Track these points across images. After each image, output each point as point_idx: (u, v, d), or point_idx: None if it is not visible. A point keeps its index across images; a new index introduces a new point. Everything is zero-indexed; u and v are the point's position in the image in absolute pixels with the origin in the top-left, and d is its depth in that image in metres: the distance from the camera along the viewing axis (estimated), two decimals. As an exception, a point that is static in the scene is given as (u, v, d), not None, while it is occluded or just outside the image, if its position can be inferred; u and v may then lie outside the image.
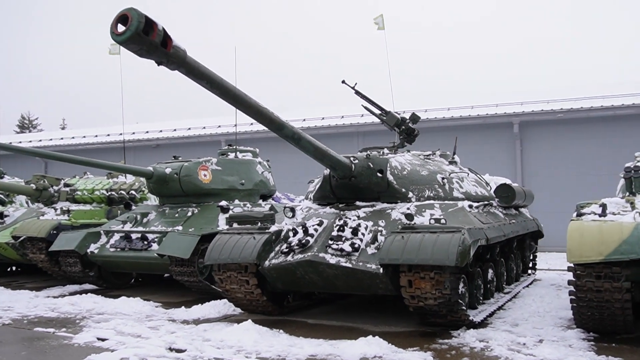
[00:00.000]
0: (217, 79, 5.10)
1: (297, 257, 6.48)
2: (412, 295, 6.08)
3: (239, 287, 7.02)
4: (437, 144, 17.97)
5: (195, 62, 4.79)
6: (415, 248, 5.91)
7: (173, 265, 8.49)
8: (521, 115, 16.11)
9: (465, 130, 16.98)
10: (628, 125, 15.24)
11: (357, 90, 9.52)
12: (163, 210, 9.97)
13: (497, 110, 16.66)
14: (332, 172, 7.14)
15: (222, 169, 10.32)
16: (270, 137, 19.57)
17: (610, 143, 15.26)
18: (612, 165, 15.30)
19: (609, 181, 15.34)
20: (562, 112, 15.66)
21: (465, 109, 17.43)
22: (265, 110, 5.74)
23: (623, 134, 15.19)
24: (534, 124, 16.24)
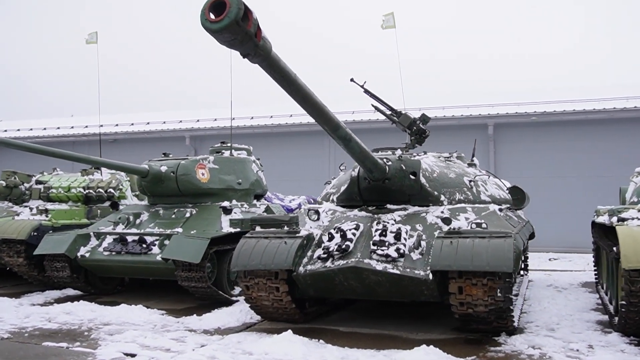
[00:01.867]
0: (292, 75, 4.76)
1: (339, 264, 6.16)
2: (462, 302, 5.90)
3: (267, 294, 6.63)
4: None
5: (277, 56, 4.42)
6: (468, 254, 5.74)
7: (180, 271, 7.96)
8: (496, 117, 16.35)
9: (439, 131, 17.03)
10: (600, 129, 15.77)
11: (367, 89, 9.27)
12: (156, 211, 9.38)
13: (472, 112, 16.84)
14: (368, 174, 6.86)
15: (219, 167, 9.82)
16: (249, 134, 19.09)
17: (582, 146, 15.74)
18: (583, 169, 15.83)
19: (579, 184, 15.88)
20: (536, 115, 16.01)
21: (437, 110, 17.51)
22: (326, 110, 5.44)
23: (595, 138, 15.73)
24: (509, 125, 16.53)
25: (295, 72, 4.76)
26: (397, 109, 9.18)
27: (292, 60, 4.72)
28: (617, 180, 15.20)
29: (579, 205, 15.48)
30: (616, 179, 15.27)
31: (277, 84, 4.74)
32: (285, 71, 4.64)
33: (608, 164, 15.56)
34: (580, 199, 15.47)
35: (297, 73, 4.82)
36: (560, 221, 15.35)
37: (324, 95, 16.10)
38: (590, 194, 15.32)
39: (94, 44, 11.65)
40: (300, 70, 4.88)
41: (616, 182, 15.13)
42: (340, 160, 18.73)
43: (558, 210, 15.40)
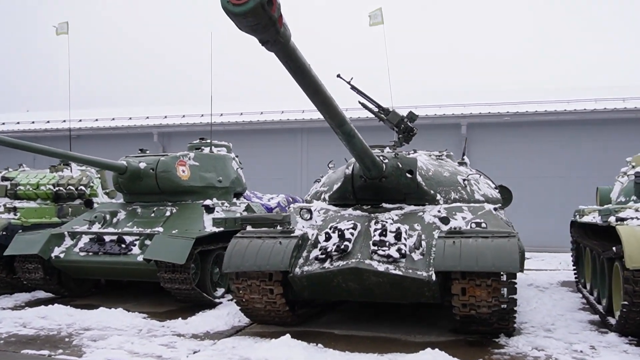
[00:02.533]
0: (307, 66, 4.53)
1: (338, 264, 5.95)
2: (465, 304, 5.78)
3: (260, 296, 6.37)
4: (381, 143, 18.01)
5: (294, 45, 4.19)
6: (473, 254, 5.62)
7: (162, 272, 7.60)
8: (469, 117, 16.43)
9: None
10: (572, 130, 16.03)
11: (354, 85, 9.08)
12: (134, 210, 8.97)
13: (445, 111, 16.89)
14: (365, 172, 6.67)
15: (199, 164, 9.47)
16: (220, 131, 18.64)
17: (554, 147, 15.96)
18: (555, 169, 16.05)
19: (551, 184, 16.10)
20: (509, 115, 16.15)
21: (410, 109, 17.45)
22: (335, 104, 5.24)
23: (566, 139, 15.97)
24: (482, 126, 16.64)
25: (309, 64, 4.54)
26: (385, 107, 9.02)
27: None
28: (588, 181, 15.52)
29: (551, 205, 15.72)
30: (587, 179, 15.56)
31: (291, 74, 4.51)
32: (301, 61, 4.41)
33: (580, 164, 15.85)
34: (552, 199, 15.70)
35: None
36: (531, 220, 15.52)
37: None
38: (562, 194, 15.57)
39: (64, 34, 11.10)
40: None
41: (587, 183, 15.46)
42: (314, 159, 18.71)
43: (530, 209, 15.55)
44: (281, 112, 19.20)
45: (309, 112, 18.81)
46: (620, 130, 15.80)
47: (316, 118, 18.13)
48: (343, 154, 18.78)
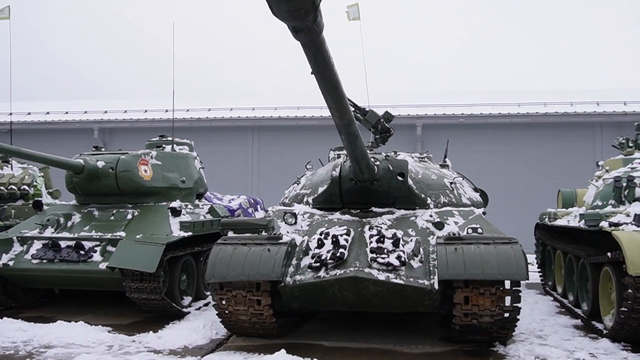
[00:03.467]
0: (332, 61, 4.13)
1: (335, 273, 5.57)
2: (467, 313, 5.54)
3: (246, 308, 5.89)
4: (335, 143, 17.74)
5: (324, 37, 3.78)
6: (477, 262, 5.39)
7: (129, 281, 6.97)
8: (424, 117, 16.42)
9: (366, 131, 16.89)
10: (525, 132, 16.32)
11: (328, 82, 8.71)
12: (89, 212, 8.23)
13: (400, 112, 16.78)
14: (357, 174, 6.32)
15: (162, 164, 8.82)
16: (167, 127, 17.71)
17: (508, 149, 16.19)
18: (509, 171, 16.30)
19: (504, 186, 16.32)
20: (464, 117, 16.26)
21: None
22: (346, 103, 4.85)
23: (520, 141, 16.25)
24: (437, 127, 16.67)
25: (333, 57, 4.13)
26: (361, 106, 8.72)
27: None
28: (542, 183, 15.88)
29: (504, 207, 15.91)
30: (541, 182, 15.93)
31: (315, 68, 4.10)
32: (328, 54, 4.01)
33: (533, 167, 16.16)
34: (505, 201, 15.90)
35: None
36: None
37: (283, 87, 14.96)
38: (515, 196, 15.82)
39: (5, 19, 10.11)
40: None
41: (542, 185, 15.82)
42: (265, 158, 18.20)
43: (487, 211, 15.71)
44: (230, 109, 18.57)
45: (260, 109, 18.33)
46: (569, 133, 16.25)
47: (268, 116, 17.69)
48: (297, 154, 18.42)
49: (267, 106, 18.32)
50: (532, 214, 11.47)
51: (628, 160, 8.30)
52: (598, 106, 16.50)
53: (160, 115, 18.43)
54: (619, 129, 16.03)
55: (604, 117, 15.89)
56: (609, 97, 16.68)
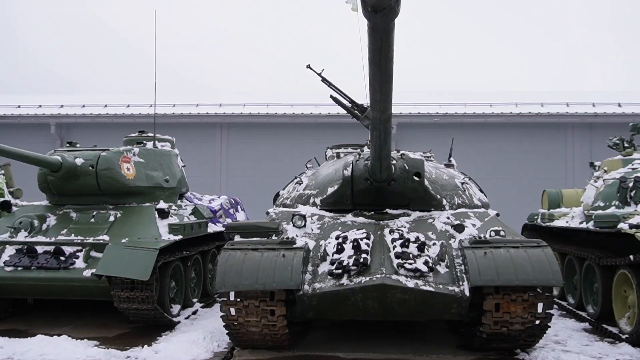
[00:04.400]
0: (393, 51, 3.73)
1: (359, 281, 5.16)
2: (496, 321, 5.24)
3: (258, 319, 5.41)
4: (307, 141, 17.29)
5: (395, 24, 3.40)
6: (510, 267, 5.11)
7: (118, 290, 6.35)
8: (399, 116, 16.18)
9: (336, 128, 16.59)
10: (499, 132, 16.31)
11: (325, 77, 8.33)
12: (66, 214, 7.53)
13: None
14: (375, 174, 5.94)
15: (145, 161, 8.18)
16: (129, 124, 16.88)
17: (483, 148, 16.13)
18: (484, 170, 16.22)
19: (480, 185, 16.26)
20: (438, 116, 16.12)
21: (334, 107, 16.96)
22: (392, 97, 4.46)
23: (491, 141, 16.22)
24: (411, 125, 16.47)
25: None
26: (359, 103, 8.33)
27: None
28: (515, 183, 15.93)
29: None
30: (514, 181, 15.97)
31: (376, 56, 3.75)
32: (393, 43, 3.61)
33: (506, 167, 16.17)
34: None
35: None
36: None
37: (273, 85, 14.15)
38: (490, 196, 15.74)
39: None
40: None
41: (517, 185, 15.87)
42: (234, 156, 17.53)
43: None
44: (196, 105, 17.84)
45: (228, 106, 17.69)
46: (540, 133, 16.36)
47: (238, 112, 17.09)
48: (268, 152, 17.86)
49: (235, 102, 17.67)
50: (506, 213, 11.40)
51: (628, 160, 8.23)
52: (568, 107, 16.69)
53: (123, 110, 17.54)
54: (590, 130, 16.28)
55: (577, 118, 16.06)
56: (578, 99, 16.90)
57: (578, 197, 11.05)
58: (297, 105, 17.51)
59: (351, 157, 6.54)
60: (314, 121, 16.95)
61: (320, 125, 16.96)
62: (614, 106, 16.68)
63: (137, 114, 17.19)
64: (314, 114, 16.86)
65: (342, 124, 16.84)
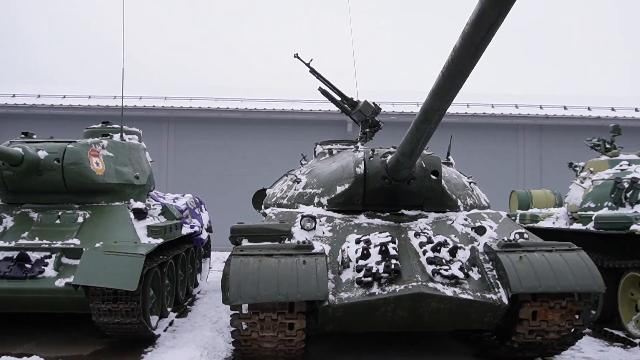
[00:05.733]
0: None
1: (392, 289, 4.67)
2: (532, 330, 4.93)
3: (275, 333, 4.82)
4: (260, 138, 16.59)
5: None
6: (549, 272, 4.80)
7: (99, 302, 5.55)
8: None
9: (292, 125, 16.09)
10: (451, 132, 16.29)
11: (313, 68, 7.80)
12: (24, 214, 6.59)
13: (331, 107, 16.11)
14: (396, 173, 5.49)
15: (114, 155, 7.33)
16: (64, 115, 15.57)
17: (432, 149, 16.09)
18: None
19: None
20: (395, 115, 15.93)
21: (305, 103, 16.49)
22: None
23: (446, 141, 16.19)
24: (367, 124, 16.18)
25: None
26: (349, 97, 7.86)
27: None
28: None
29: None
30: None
31: (476, 39, 3.39)
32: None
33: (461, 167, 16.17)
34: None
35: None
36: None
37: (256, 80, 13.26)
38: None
39: None
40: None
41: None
42: (182, 152, 16.56)
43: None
44: (139, 98, 16.74)
45: (173, 99, 16.75)
46: (493, 134, 16.55)
47: (187, 107, 16.18)
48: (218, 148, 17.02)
49: (181, 96, 16.74)
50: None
51: (615, 161, 8.24)
52: (518, 109, 16.99)
53: (54, 101, 16.20)
54: (540, 131, 16.62)
55: (528, 120, 16.35)
56: (528, 101, 17.26)
57: (547, 197, 11.13)
58: (248, 100, 16.83)
59: (360, 154, 6.05)
60: (267, 117, 16.33)
61: (274, 122, 16.37)
62: (560, 109, 17.15)
63: (76, 105, 15.89)
64: (267, 110, 16.23)
65: (297, 121, 16.38)
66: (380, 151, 5.81)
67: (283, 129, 16.34)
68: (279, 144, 16.22)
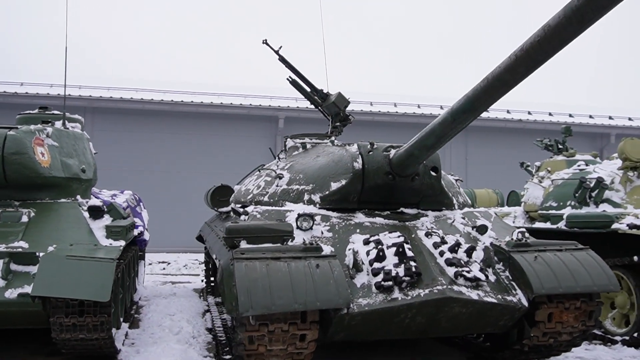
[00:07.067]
0: None
1: (416, 294, 4.30)
2: (546, 332, 4.77)
3: (285, 346, 4.30)
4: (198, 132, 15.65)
5: None
6: (566, 272, 4.66)
7: (61, 315, 4.73)
8: (286, 110, 15.40)
9: (230, 120, 15.38)
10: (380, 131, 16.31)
11: (282, 56, 7.27)
12: (-48, 212, 5.57)
13: (262, 102, 15.56)
14: (403, 169, 5.13)
15: (59, 145, 6.41)
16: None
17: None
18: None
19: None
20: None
21: (235, 97, 15.75)
22: None
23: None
24: (299, 120, 15.78)
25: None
26: (319, 88, 7.41)
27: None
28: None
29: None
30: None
31: (561, 31, 3.06)
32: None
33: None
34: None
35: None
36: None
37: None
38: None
39: None
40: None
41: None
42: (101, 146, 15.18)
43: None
44: (50, 86, 15.25)
45: (89, 88, 15.44)
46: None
47: (107, 97, 14.95)
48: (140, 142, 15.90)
49: (98, 85, 15.44)
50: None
51: (572, 162, 8.43)
52: (442, 109, 17.34)
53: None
54: (465, 132, 17.03)
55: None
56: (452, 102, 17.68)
57: (490, 197, 11.31)
58: (174, 93, 15.87)
59: (354, 148, 5.64)
60: (194, 110, 15.48)
61: (201, 116, 15.56)
62: (483, 112, 17.70)
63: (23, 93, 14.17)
64: (194, 103, 15.36)
65: (227, 115, 15.68)
66: (381, 145, 5.42)
67: (210, 124, 15.55)
68: (207, 139, 15.43)
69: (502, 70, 3.60)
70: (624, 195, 7.13)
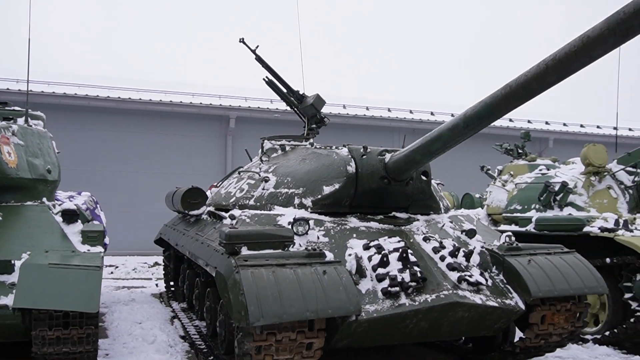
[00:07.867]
0: None
1: (423, 299, 4.30)
2: (538, 334, 4.91)
3: (291, 356, 4.18)
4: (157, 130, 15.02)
5: None
6: (558, 275, 4.81)
7: (44, 328, 4.40)
8: (238, 109, 15.14)
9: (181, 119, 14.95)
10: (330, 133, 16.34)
11: (259, 55, 7.11)
12: None
13: (213, 101, 15.21)
14: (399, 173, 5.11)
15: (25, 144, 5.98)
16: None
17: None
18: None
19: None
20: (279, 112, 15.50)
21: (184, 96, 15.30)
22: None
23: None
24: (250, 120, 15.54)
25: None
26: (296, 89, 7.30)
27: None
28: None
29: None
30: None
31: (592, 47, 3.18)
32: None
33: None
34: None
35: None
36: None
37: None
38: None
39: None
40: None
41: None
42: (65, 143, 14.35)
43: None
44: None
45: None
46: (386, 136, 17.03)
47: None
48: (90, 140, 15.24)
49: (40, 80, 14.59)
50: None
51: (533, 166, 8.72)
52: (390, 112, 17.61)
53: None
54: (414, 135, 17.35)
55: (404, 123, 16.99)
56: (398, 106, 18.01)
57: (447, 199, 11.52)
58: (120, 89, 15.24)
59: (344, 152, 5.57)
60: (142, 108, 14.95)
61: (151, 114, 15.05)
62: (427, 114, 18.11)
63: None
64: (142, 100, 14.81)
65: (177, 114, 15.25)
66: (375, 149, 5.38)
67: (160, 123, 15.04)
68: (156, 138, 14.94)
69: (529, 78, 3.62)
70: (586, 199, 7.45)
